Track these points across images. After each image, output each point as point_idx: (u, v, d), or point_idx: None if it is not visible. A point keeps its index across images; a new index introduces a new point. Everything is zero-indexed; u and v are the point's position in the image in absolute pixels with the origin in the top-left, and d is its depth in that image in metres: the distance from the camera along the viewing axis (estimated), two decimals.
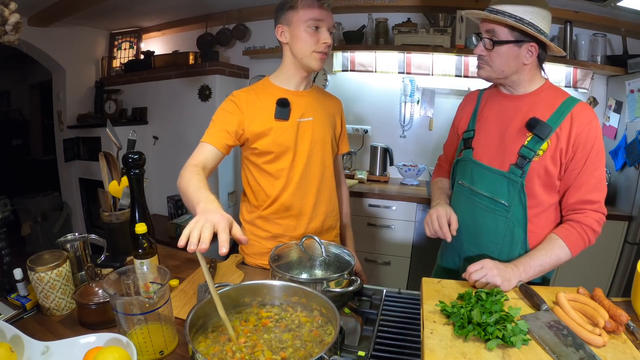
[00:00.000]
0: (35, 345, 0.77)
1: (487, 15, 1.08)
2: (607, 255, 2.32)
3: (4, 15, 1.15)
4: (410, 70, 2.78)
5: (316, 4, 1.18)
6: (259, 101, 1.24)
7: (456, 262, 1.29)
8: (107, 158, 1.32)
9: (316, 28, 1.18)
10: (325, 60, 1.23)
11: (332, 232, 1.45)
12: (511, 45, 1.08)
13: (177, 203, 3.14)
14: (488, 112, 1.24)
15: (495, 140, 1.18)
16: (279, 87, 1.28)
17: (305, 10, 1.17)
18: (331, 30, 1.22)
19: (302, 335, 0.78)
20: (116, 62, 3.59)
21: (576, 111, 1.07)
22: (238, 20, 3.08)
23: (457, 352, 0.75)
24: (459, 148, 1.31)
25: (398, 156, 2.94)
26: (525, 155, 1.10)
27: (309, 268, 1.04)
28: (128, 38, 3.56)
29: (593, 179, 1.07)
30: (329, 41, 1.19)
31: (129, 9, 2.97)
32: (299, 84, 1.29)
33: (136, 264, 1.03)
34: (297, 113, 1.26)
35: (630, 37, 2.38)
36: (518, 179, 1.11)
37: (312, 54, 1.20)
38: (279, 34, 1.24)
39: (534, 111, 1.12)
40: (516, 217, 1.14)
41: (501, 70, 1.12)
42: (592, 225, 1.06)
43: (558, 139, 1.08)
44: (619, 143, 2.40)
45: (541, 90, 1.15)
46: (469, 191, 1.23)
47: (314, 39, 1.19)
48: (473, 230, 1.22)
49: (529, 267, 1.03)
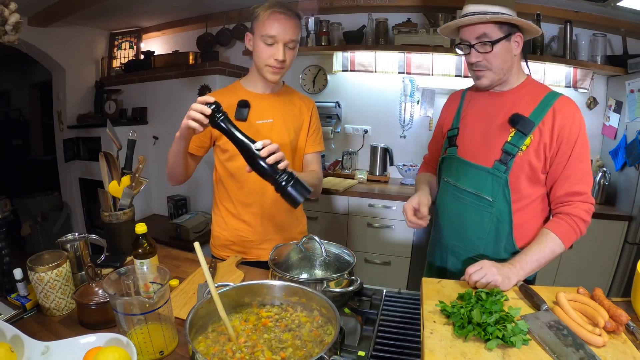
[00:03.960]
0: (35, 345, 0.77)
1: (480, 18, 1.08)
2: (607, 255, 2.33)
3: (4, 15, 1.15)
4: (410, 70, 2.78)
5: (274, 17, 1.19)
6: (224, 102, 1.25)
7: (444, 258, 1.31)
8: (107, 158, 1.32)
9: (271, 43, 1.21)
10: (279, 73, 1.26)
11: (295, 230, 1.47)
12: (504, 41, 1.10)
13: (177, 203, 3.14)
14: (472, 110, 1.26)
15: (479, 137, 1.20)
16: (246, 90, 1.35)
17: (263, 23, 1.20)
18: (289, 45, 1.23)
19: (302, 335, 0.78)
20: (116, 62, 3.59)
21: (558, 105, 1.10)
22: (238, 20, 3.08)
23: (457, 352, 0.75)
24: (444, 146, 1.33)
25: (398, 156, 2.94)
26: (508, 151, 1.13)
27: (309, 268, 1.04)
28: (128, 38, 3.56)
29: (579, 171, 1.09)
30: (279, 57, 1.21)
31: (129, 9, 2.97)
32: (264, 88, 1.35)
33: (136, 264, 1.03)
34: (256, 115, 1.31)
35: (630, 37, 2.38)
36: (502, 175, 1.14)
37: (265, 66, 1.24)
38: (247, 42, 1.30)
39: (517, 107, 1.14)
40: (500, 212, 1.16)
41: (501, 69, 1.14)
42: (581, 216, 1.08)
43: (541, 133, 1.10)
44: (619, 143, 2.40)
45: (523, 86, 1.18)
46: (454, 188, 1.26)
47: (266, 53, 1.22)
48: (459, 226, 1.25)
49: (526, 263, 1.03)
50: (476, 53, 1.12)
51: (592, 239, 2.31)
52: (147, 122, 3.32)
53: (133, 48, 3.56)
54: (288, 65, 1.27)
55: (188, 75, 3.03)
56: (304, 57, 3.01)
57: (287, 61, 1.25)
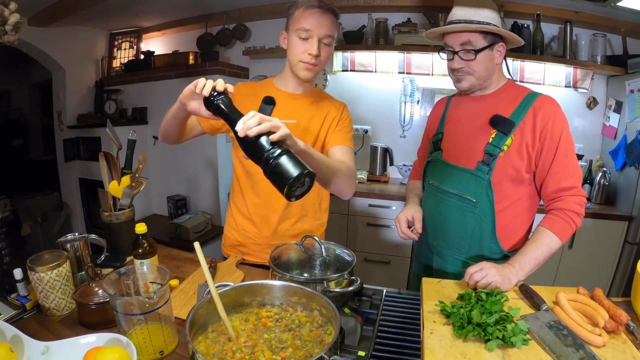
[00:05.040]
0: (35, 345, 0.77)
1: (466, 27, 1.11)
2: (607, 255, 2.33)
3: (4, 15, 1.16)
4: (410, 70, 2.78)
5: (309, 12, 1.16)
6: (252, 96, 1.25)
7: (429, 257, 1.34)
8: (107, 158, 1.32)
9: (305, 37, 1.17)
10: (313, 70, 1.21)
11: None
12: (487, 50, 1.13)
13: (177, 203, 3.14)
14: (455, 115, 1.29)
15: (462, 140, 1.23)
16: (276, 87, 1.31)
17: (298, 18, 1.17)
18: (324, 40, 1.18)
19: (302, 335, 0.78)
20: (116, 62, 3.58)
21: (538, 104, 1.12)
22: (238, 20, 3.08)
23: (457, 352, 0.75)
24: (429, 151, 1.36)
25: (398, 156, 2.94)
26: (490, 152, 1.15)
27: (309, 268, 1.04)
28: (128, 38, 3.56)
29: (566, 166, 1.11)
30: (313, 52, 1.16)
31: (129, 9, 2.97)
32: (295, 87, 1.30)
33: (136, 264, 1.03)
34: (280, 113, 1.23)
35: (630, 37, 2.38)
36: (485, 176, 1.15)
37: (299, 63, 1.20)
38: (281, 40, 1.26)
39: (497, 109, 1.17)
40: (484, 212, 1.18)
41: (482, 76, 1.17)
42: (574, 209, 1.09)
43: (522, 133, 1.12)
44: (619, 143, 2.40)
45: (504, 88, 1.21)
46: (437, 190, 1.28)
47: (300, 48, 1.18)
48: (442, 227, 1.27)
49: (524, 262, 1.04)
50: (459, 60, 1.15)
51: (592, 239, 2.31)
52: (147, 122, 3.32)
53: (133, 48, 3.56)
54: (322, 62, 1.22)
55: (188, 76, 3.03)
56: None
57: (321, 57, 1.19)
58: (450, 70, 1.21)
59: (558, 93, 2.58)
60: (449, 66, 1.20)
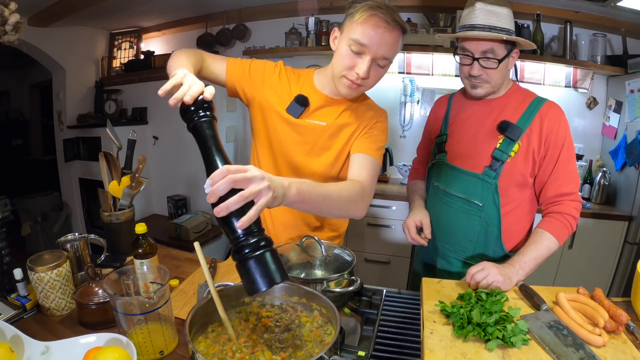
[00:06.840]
0: (35, 345, 0.77)
1: (496, 36, 1.08)
2: (607, 255, 2.33)
3: (4, 15, 1.15)
4: (410, 70, 2.78)
5: (373, 23, 0.95)
6: (288, 83, 1.15)
7: (433, 258, 1.34)
8: (107, 158, 1.32)
9: (358, 52, 0.98)
10: (356, 90, 1.05)
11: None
12: (507, 58, 1.13)
13: (177, 203, 3.14)
14: (460, 117, 1.28)
15: (468, 143, 1.23)
16: (314, 86, 1.15)
17: (357, 25, 0.97)
18: (379, 62, 1.00)
19: (302, 335, 0.78)
20: (116, 62, 3.58)
21: (544, 111, 1.13)
22: (238, 20, 3.08)
23: (457, 352, 0.75)
24: (433, 152, 1.35)
25: (398, 156, 2.94)
26: (498, 157, 1.15)
27: (309, 268, 1.04)
28: (128, 38, 3.56)
29: (567, 172, 1.13)
30: (361, 72, 0.98)
31: (129, 9, 2.97)
32: (333, 92, 1.13)
33: (136, 264, 1.03)
34: (310, 113, 1.14)
35: (630, 37, 2.38)
36: (492, 181, 1.16)
37: (342, 78, 1.03)
38: (331, 39, 1.08)
39: (504, 113, 1.17)
40: (490, 216, 1.19)
41: (498, 83, 1.17)
42: (572, 213, 1.11)
43: (529, 139, 1.13)
44: (619, 143, 2.40)
45: (510, 93, 1.21)
46: (443, 193, 1.27)
47: (349, 62, 1.00)
48: (448, 230, 1.27)
49: (524, 263, 1.05)
50: (479, 67, 1.12)
51: (592, 239, 2.31)
52: (147, 122, 3.32)
53: (133, 48, 3.56)
54: (369, 85, 1.05)
55: None
56: (303, 57, 3.00)
57: (370, 80, 1.02)
58: (465, 75, 1.17)
59: (558, 93, 2.58)
60: (466, 71, 1.15)
